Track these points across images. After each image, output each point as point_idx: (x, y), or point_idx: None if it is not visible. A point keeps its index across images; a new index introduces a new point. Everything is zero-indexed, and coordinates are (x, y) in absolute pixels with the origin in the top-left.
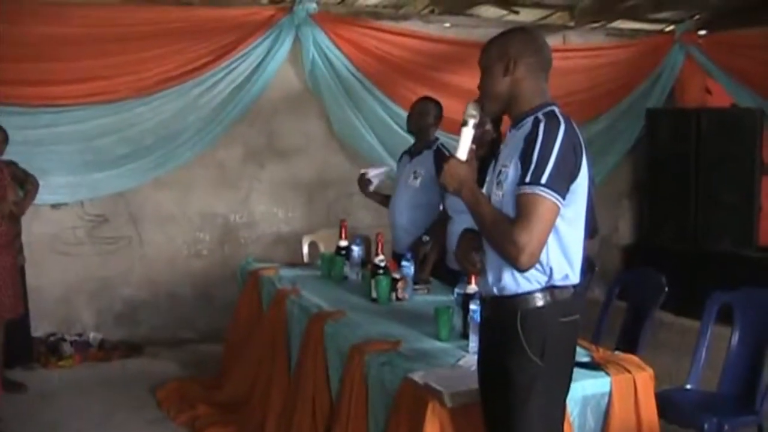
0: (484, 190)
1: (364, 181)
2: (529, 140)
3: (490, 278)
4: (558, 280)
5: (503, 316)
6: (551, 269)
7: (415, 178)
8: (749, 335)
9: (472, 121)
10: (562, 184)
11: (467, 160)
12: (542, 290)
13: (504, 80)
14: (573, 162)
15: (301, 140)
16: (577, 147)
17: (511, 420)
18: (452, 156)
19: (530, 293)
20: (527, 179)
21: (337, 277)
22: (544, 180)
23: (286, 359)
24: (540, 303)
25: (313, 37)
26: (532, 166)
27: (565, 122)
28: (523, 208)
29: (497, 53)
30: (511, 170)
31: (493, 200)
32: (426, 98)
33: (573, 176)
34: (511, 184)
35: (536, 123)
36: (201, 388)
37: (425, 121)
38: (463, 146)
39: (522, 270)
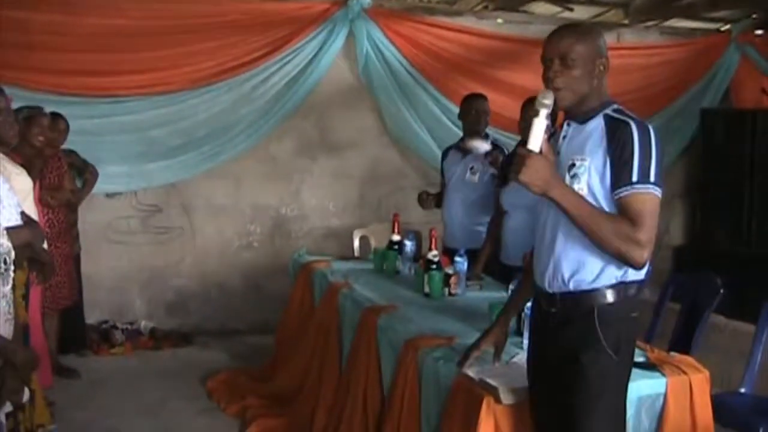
0: None
1: (424, 199)
2: (619, 139)
3: (566, 274)
4: (630, 276)
5: (578, 312)
6: (629, 267)
7: (473, 173)
8: None
9: (544, 111)
10: (661, 180)
11: (544, 154)
12: (614, 286)
13: (592, 78)
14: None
15: (354, 134)
16: None
17: (584, 414)
18: (528, 149)
19: (604, 289)
20: (635, 178)
21: (389, 272)
22: (653, 178)
23: (338, 353)
24: (612, 299)
25: (366, 32)
26: (636, 167)
27: (644, 123)
28: (639, 205)
29: (593, 51)
30: (592, 166)
31: None
32: (480, 95)
33: None
34: (598, 176)
35: (616, 121)
36: (251, 380)
37: (486, 119)
38: (536, 137)
39: (639, 267)
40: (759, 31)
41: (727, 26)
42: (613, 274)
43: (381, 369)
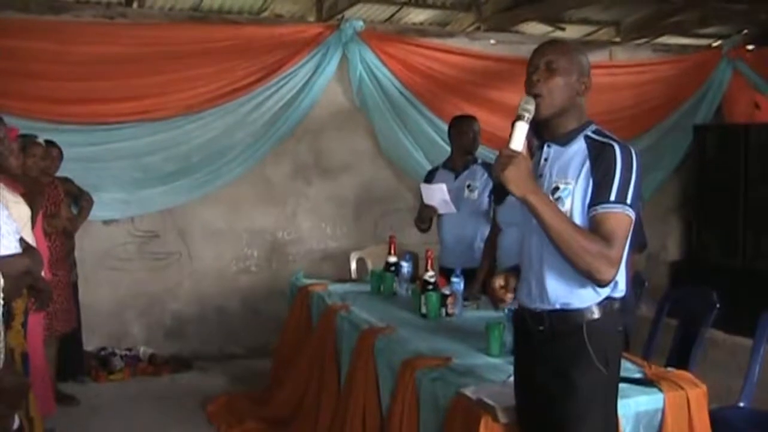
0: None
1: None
2: (602, 161)
3: (554, 294)
4: (617, 292)
5: (566, 329)
6: (616, 282)
7: (471, 190)
8: None
9: (527, 116)
10: (636, 203)
11: (525, 156)
12: (600, 302)
13: (574, 94)
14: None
15: (349, 157)
16: None
17: (575, 428)
18: (512, 150)
19: (591, 305)
20: (612, 198)
21: (386, 293)
22: (629, 200)
23: (336, 374)
24: (598, 314)
25: (360, 55)
26: (615, 187)
27: (627, 145)
28: (613, 224)
29: (578, 67)
30: (577, 188)
31: None
32: (471, 117)
33: None
34: (581, 201)
35: (598, 144)
36: (250, 403)
37: (479, 139)
38: (518, 140)
39: (604, 285)
40: (750, 46)
41: (718, 42)
42: (602, 291)
43: (379, 390)
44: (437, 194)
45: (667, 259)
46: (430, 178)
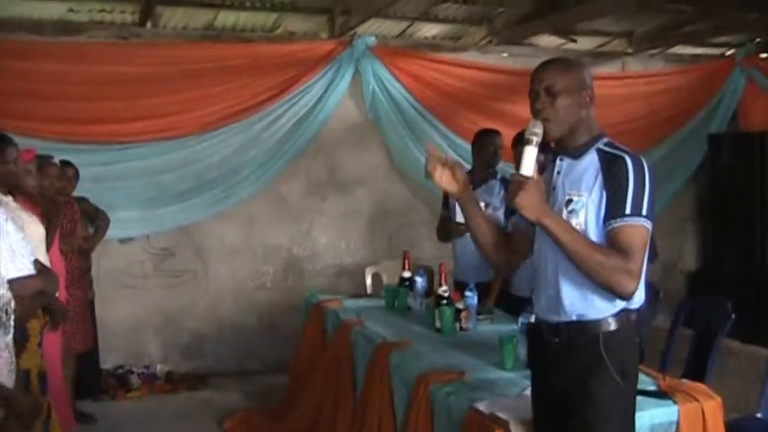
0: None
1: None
2: (615, 173)
3: (570, 306)
4: (634, 303)
5: (583, 340)
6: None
7: (486, 207)
8: None
9: (535, 139)
10: (652, 214)
11: (537, 181)
12: (617, 314)
13: (579, 109)
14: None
15: (363, 172)
16: None
17: None
18: (523, 176)
19: (608, 317)
20: (627, 211)
21: (400, 308)
22: (645, 212)
23: (351, 389)
24: (615, 326)
25: (372, 70)
26: (630, 199)
27: (639, 157)
28: (630, 237)
29: (578, 82)
30: (590, 201)
31: None
32: (495, 131)
33: None
34: (595, 213)
35: (610, 156)
36: (267, 419)
37: (500, 153)
38: (528, 165)
39: (628, 298)
40: (763, 54)
41: (732, 51)
42: (618, 303)
43: (394, 404)
44: None
45: (684, 269)
46: None
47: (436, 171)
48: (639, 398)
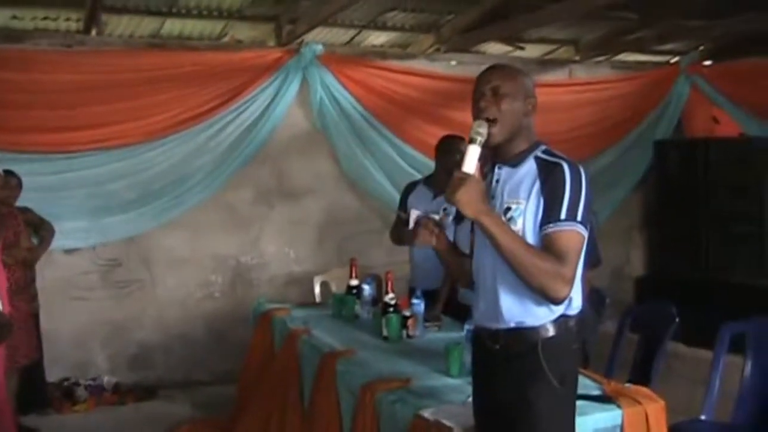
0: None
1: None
2: (551, 180)
3: (508, 312)
4: (572, 309)
5: (522, 347)
6: (571, 300)
7: (447, 215)
8: (763, 365)
9: (479, 139)
10: (587, 220)
11: (478, 179)
12: (555, 320)
13: (522, 116)
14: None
15: (311, 180)
16: None
17: None
18: (465, 173)
19: (546, 323)
20: (563, 216)
21: (348, 316)
22: (579, 218)
23: (299, 398)
24: (554, 332)
25: (320, 78)
26: (565, 205)
27: (576, 164)
28: (565, 242)
29: (523, 89)
30: (528, 207)
31: None
32: (459, 137)
33: None
34: (532, 220)
35: (548, 163)
36: (215, 430)
37: None
38: (471, 163)
39: (559, 302)
40: (707, 62)
41: (676, 58)
42: (556, 309)
43: (341, 413)
44: None
45: (632, 275)
46: (409, 190)
47: (420, 237)
48: (583, 403)
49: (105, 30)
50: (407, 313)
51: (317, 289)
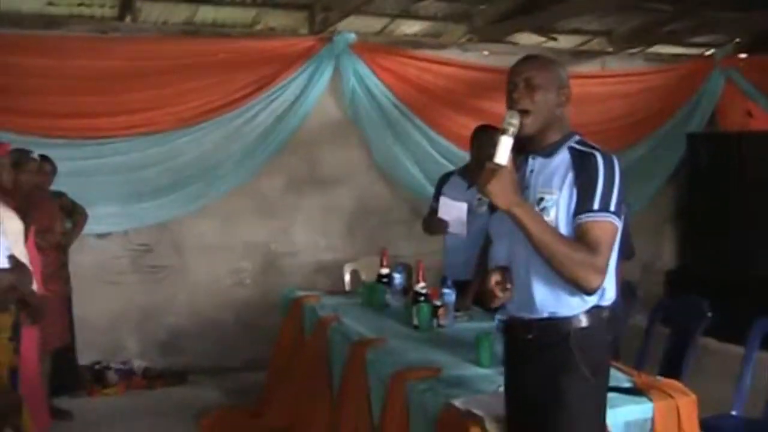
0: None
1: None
2: (585, 170)
3: (541, 303)
4: (605, 300)
5: (554, 337)
6: (604, 290)
7: (481, 204)
8: None
9: (512, 129)
10: (621, 210)
11: (510, 170)
12: (589, 311)
13: (555, 106)
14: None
15: (342, 169)
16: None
17: None
18: (497, 164)
19: (579, 314)
20: (596, 206)
21: (378, 305)
22: (612, 208)
23: (328, 386)
24: (586, 323)
25: (352, 67)
26: (598, 195)
27: (609, 154)
28: (598, 233)
29: (557, 80)
30: (561, 198)
31: None
32: (494, 128)
33: None
34: (565, 210)
35: (581, 154)
36: (244, 416)
37: None
38: (503, 154)
39: (591, 293)
40: (742, 55)
41: (711, 51)
42: (590, 299)
43: (371, 401)
44: (454, 212)
45: (663, 268)
46: (443, 181)
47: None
48: (614, 395)
49: (139, 17)
50: (438, 303)
51: (347, 278)
